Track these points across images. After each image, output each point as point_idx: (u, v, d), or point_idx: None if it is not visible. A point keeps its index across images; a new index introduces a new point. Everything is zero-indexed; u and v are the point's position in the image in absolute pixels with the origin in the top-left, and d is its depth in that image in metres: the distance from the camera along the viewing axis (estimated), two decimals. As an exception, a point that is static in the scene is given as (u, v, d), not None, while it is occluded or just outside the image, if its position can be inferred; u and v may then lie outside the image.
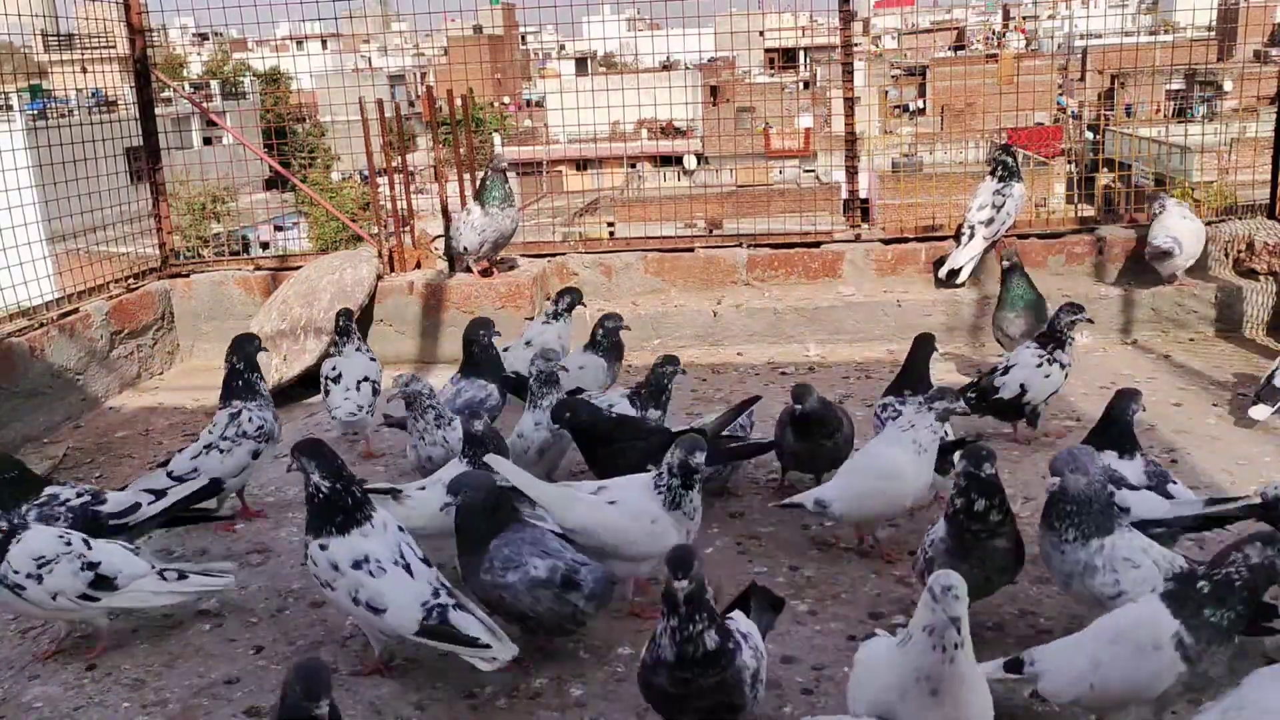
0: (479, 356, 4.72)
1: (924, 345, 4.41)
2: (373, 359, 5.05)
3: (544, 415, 4.06)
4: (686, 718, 2.47)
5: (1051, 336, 4.57)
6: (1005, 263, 5.62)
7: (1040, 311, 5.40)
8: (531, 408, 4.17)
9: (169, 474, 3.91)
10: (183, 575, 3.31)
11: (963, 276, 6.34)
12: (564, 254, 6.95)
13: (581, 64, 24.10)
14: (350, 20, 18.92)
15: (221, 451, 3.98)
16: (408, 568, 2.99)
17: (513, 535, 3.02)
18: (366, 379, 4.88)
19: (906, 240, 6.76)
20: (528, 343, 5.16)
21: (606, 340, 4.95)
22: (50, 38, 11.91)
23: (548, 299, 6.69)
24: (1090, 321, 4.81)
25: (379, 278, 6.40)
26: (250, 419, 4.07)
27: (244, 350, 4.23)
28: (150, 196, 7.12)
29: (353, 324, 5.11)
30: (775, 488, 4.24)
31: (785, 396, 4.17)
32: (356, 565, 2.96)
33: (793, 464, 4.13)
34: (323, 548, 3.00)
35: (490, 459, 3.42)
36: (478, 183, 6.45)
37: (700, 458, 3.14)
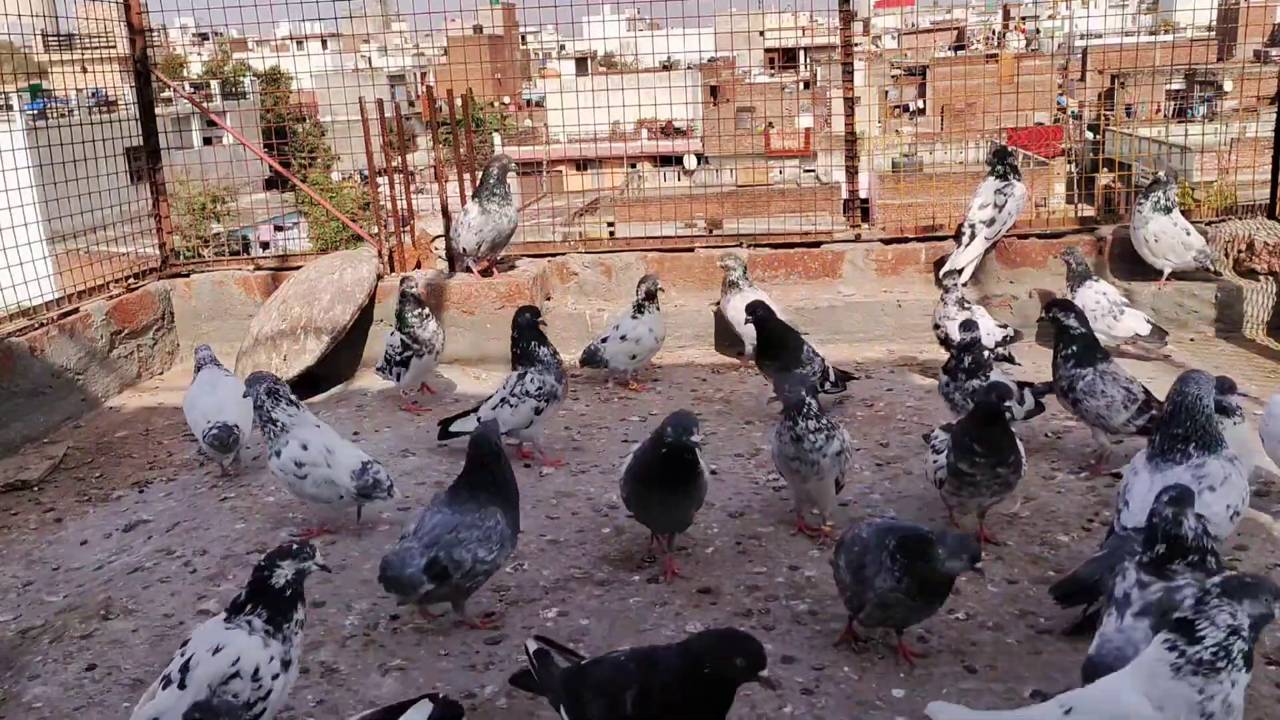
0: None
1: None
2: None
3: None
4: None
5: None
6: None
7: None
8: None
9: (478, 419, 4.56)
10: None
11: (964, 278, 6.32)
12: (564, 254, 6.95)
13: (581, 64, 24.12)
14: (350, 20, 18.95)
15: (511, 406, 4.52)
16: None
17: None
18: None
19: (906, 240, 6.76)
20: (623, 337, 5.65)
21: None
22: (50, 38, 11.90)
23: (548, 299, 6.70)
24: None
25: (379, 278, 6.40)
26: (531, 380, 4.55)
27: (517, 323, 4.74)
28: (150, 196, 7.12)
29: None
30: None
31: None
32: None
33: (879, 617, 3.02)
34: None
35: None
36: (478, 180, 6.44)
37: None
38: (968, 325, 4.54)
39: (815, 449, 3.63)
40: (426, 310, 5.53)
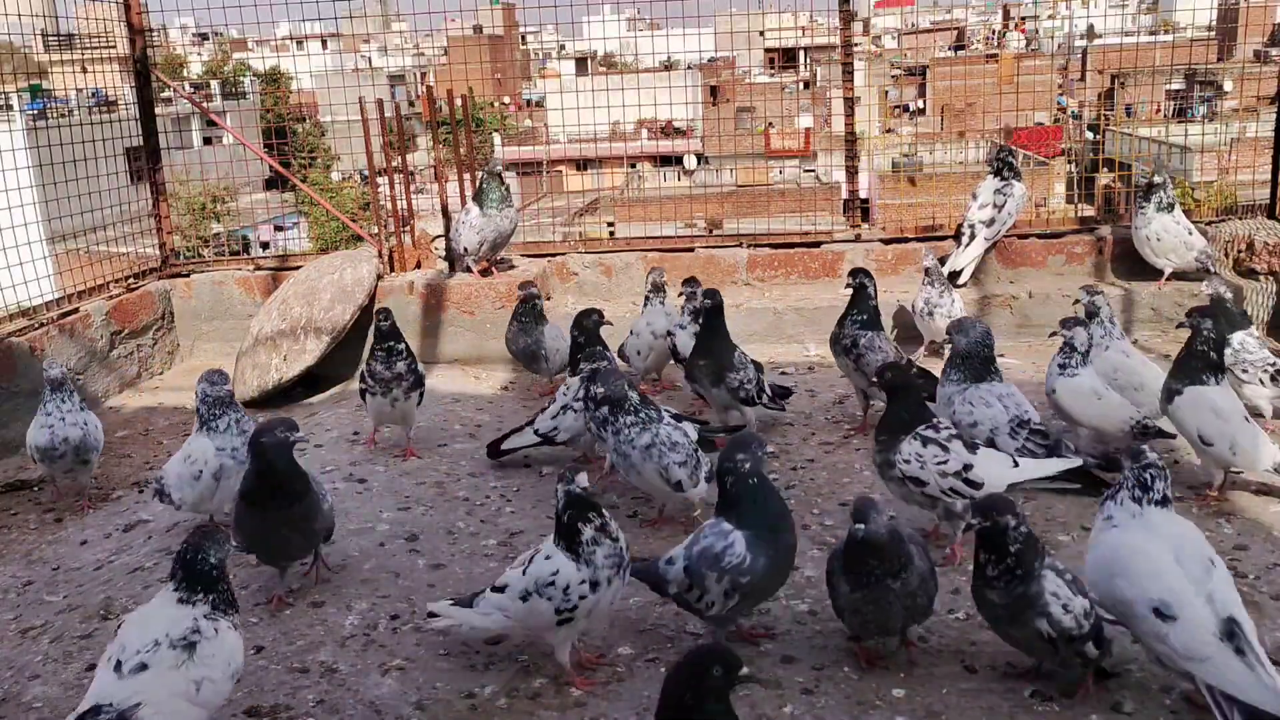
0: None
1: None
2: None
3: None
4: None
5: None
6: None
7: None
8: None
9: (535, 431, 4.48)
10: None
11: (964, 278, 6.33)
12: (564, 254, 6.94)
13: (581, 64, 24.13)
14: (350, 20, 18.96)
15: (575, 412, 4.36)
16: None
17: None
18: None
19: (906, 240, 6.75)
20: (631, 332, 5.60)
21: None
22: (50, 38, 11.93)
23: (547, 298, 6.70)
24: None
25: (379, 278, 6.39)
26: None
27: (581, 325, 4.71)
28: (150, 196, 7.12)
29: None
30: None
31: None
32: None
33: (857, 625, 2.99)
34: None
35: None
36: (476, 184, 6.45)
37: None
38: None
39: (627, 442, 3.75)
40: (399, 346, 4.70)
